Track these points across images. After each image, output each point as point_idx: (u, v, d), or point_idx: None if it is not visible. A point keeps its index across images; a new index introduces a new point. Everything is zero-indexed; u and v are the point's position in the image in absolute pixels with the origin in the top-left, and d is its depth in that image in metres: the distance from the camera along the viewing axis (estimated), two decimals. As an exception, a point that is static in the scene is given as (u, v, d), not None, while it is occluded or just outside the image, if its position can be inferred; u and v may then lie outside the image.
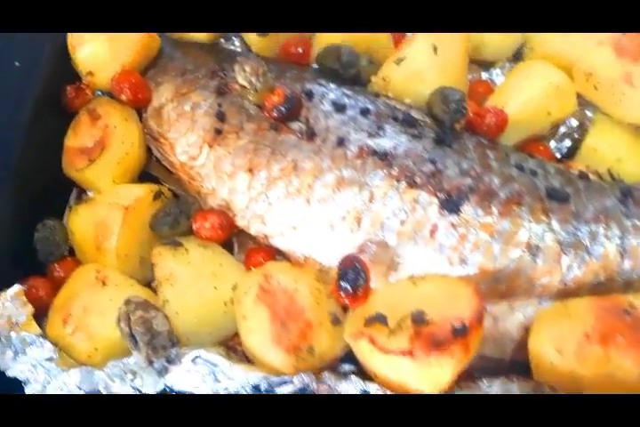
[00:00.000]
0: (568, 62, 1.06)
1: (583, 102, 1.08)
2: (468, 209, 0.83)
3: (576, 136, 1.10)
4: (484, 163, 0.89)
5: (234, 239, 0.98)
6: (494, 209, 0.83)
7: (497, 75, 1.19)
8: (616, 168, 0.97)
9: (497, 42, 1.12)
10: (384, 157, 0.88)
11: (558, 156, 1.11)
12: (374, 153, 0.89)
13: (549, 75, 1.03)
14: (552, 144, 1.11)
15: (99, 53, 1.01)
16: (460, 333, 0.70)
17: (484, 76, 1.19)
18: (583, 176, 0.91)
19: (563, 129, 1.10)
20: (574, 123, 1.10)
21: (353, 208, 0.87)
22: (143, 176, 1.05)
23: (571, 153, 1.09)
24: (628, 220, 0.81)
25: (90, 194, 1.02)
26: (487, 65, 1.19)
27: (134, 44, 1.02)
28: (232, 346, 0.88)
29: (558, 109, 1.04)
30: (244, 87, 0.95)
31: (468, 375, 0.78)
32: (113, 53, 1.01)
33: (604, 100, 1.00)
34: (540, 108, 1.03)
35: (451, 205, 0.83)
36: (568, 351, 0.72)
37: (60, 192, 1.05)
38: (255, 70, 0.94)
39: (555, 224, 0.81)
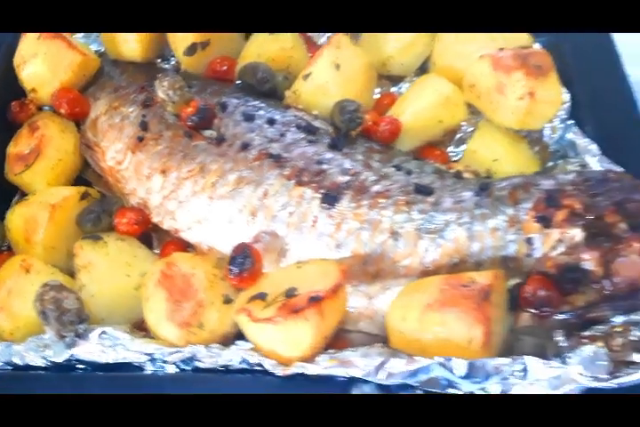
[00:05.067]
0: (459, 75, 1.20)
1: (476, 111, 1.21)
2: (343, 202, 0.94)
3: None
4: (366, 164, 1.01)
5: (153, 235, 1.11)
6: (365, 202, 0.94)
7: (405, 88, 1.32)
8: (494, 168, 1.09)
9: (402, 57, 1.25)
10: (279, 160, 1.01)
11: (455, 159, 1.24)
12: (271, 156, 1.01)
13: (440, 87, 1.15)
14: (450, 149, 1.23)
15: (39, 72, 1.16)
16: (314, 300, 0.81)
17: (394, 89, 1.32)
18: (458, 175, 1.03)
19: (459, 135, 1.23)
20: (469, 129, 1.23)
21: (249, 203, 0.99)
22: (79, 181, 1.19)
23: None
24: (478, 209, 0.91)
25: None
26: (397, 79, 1.34)
27: (71, 64, 1.17)
28: (144, 327, 0.99)
29: (449, 118, 1.16)
30: (164, 100, 1.09)
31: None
32: (52, 72, 1.16)
33: (485, 107, 1.12)
34: (432, 116, 1.15)
35: (329, 199, 0.95)
36: (411, 318, 0.82)
37: (6, 196, 1.18)
38: (172, 85, 1.07)
39: (414, 214, 0.92)
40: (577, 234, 0.86)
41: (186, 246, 1.06)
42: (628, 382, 0.78)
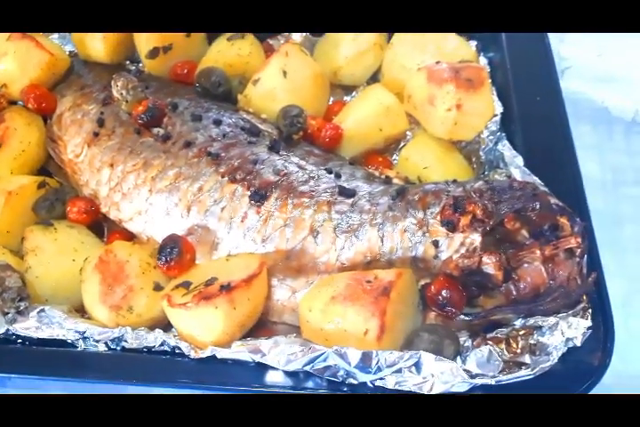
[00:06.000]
0: (404, 86, 1.26)
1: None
2: (270, 200, 1.01)
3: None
4: (299, 165, 1.07)
5: (104, 224, 1.18)
6: (290, 201, 1.01)
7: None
8: (424, 175, 1.15)
9: (351, 68, 1.32)
10: (216, 158, 1.08)
11: (399, 166, 1.30)
12: (209, 154, 1.08)
13: (381, 97, 1.22)
14: (395, 156, 1.29)
15: (9, 70, 1.24)
16: (225, 288, 0.88)
17: (346, 98, 1.38)
18: (387, 181, 1.09)
19: (403, 143, 1.29)
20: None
21: (185, 198, 1.06)
22: (45, 172, 1.27)
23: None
24: (391, 212, 0.97)
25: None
26: (351, 89, 1.40)
27: (40, 63, 1.25)
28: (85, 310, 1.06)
29: (390, 127, 1.22)
30: (118, 99, 1.16)
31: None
32: (21, 70, 1.24)
33: (420, 117, 1.19)
34: (372, 125, 1.21)
35: (257, 197, 1.01)
36: (316, 309, 0.88)
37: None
38: (125, 85, 1.15)
39: (333, 214, 0.98)
40: (476, 239, 0.92)
41: (131, 236, 1.13)
42: (506, 379, 0.85)
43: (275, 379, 0.89)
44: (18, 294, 0.97)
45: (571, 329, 0.88)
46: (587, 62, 1.50)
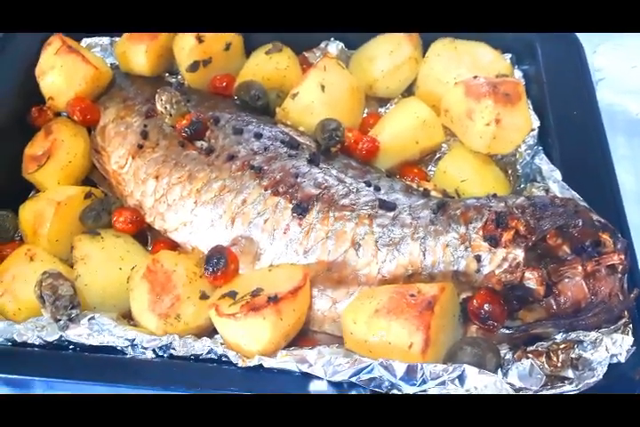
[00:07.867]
0: (440, 99, 1.28)
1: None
2: (312, 213, 1.04)
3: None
4: (339, 178, 1.10)
5: (148, 234, 1.22)
6: (331, 214, 1.03)
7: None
8: (462, 188, 1.16)
9: (387, 81, 1.34)
10: (259, 171, 1.11)
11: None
12: (252, 167, 1.11)
13: (418, 110, 1.24)
14: (430, 167, 1.31)
15: (56, 83, 1.29)
16: (272, 300, 0.90)
17: (381, 110, 1.41)
18: (425, 193, 1.11)
19: (438, 155, 1.31)
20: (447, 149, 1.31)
21: (229, 210, 1.09)
22: (88, 182, 1.31)
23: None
24: (432, 226, 0.99)
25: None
26: (386, 100, 1.42)
27: (85, 77, 1.29)
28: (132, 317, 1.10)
29: (426, 139, 1.25)
30: (162, 112, 1.20)
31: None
32: (68, 83, 1.29)
33: (458, 131, 1.21)
34: (409, 137, 1.24)
35: (300, 209, 1.04)
36: (361, 322, 0.90)
37: (25, 192, 1.30)
38: (169, 99, 1.18)
39: (375, 227, 1.01)
40: (519, 254, 0.93)
41: (175, 245, 1.17)
42: (550, 394, 0.86)
43: (320, 388, 0.92)
44: (70, 302, 1.01)
45: (615, 346, 0.89)
46: (620, 74, 1.50)
